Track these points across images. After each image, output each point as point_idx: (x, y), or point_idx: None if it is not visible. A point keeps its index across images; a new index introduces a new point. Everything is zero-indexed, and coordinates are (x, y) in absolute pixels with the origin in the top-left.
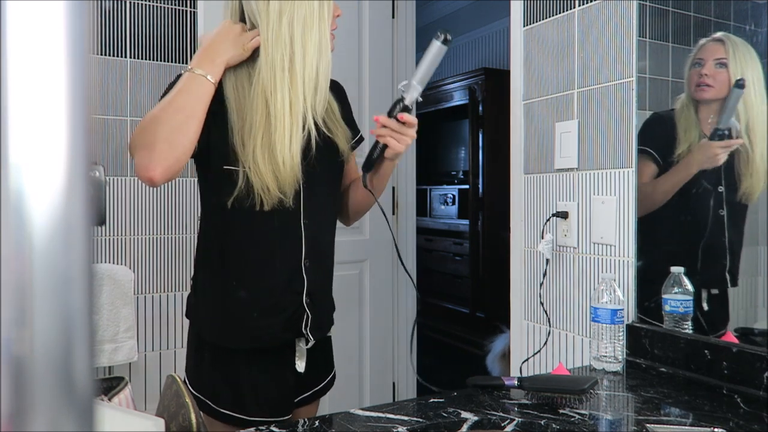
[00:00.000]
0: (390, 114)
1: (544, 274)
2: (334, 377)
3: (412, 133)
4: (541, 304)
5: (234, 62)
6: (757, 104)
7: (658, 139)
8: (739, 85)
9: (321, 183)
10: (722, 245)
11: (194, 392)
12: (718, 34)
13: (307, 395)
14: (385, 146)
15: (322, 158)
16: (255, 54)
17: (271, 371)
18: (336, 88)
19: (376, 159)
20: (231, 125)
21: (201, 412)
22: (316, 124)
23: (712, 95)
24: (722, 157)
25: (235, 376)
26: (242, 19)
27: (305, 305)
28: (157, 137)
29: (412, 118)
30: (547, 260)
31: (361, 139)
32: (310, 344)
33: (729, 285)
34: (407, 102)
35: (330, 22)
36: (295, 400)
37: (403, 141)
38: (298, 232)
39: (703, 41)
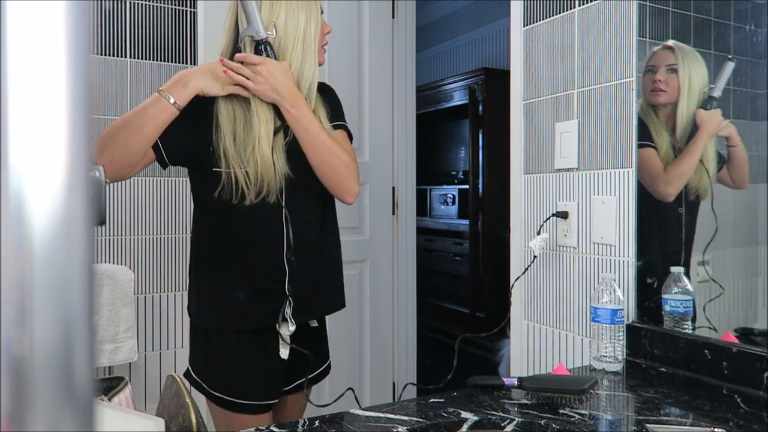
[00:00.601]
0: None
1: (525, 270)
2: (329, 367)
3: (256, 70)
4: (510, 296)
5: (208, 93)
6: (694, 106)
7: (643, 134)
8: (731, 59)
9: (302, 180)
10: (680, 241)
11: (193, 375)
12: (669, 42)
13: (300, 382)
14: None
15: (301, 158)
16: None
17: (259, 355)
18: (324, 91)
19: None
20: (222, 132)
21: (199, 393)
22: None
23: (666, 99)
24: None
25: (226, 360)
26: (237, 33)
27: (287, 292)
28: (105, 146)
29: (243, 55)
30: (534, 257)
31: (338, 126)
32: (292, 330)
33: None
34: (239, 44)
35: (318, 38)
36: (288, 387)
37: (254, 81)
38: (281, 225)
39: (655, 49)
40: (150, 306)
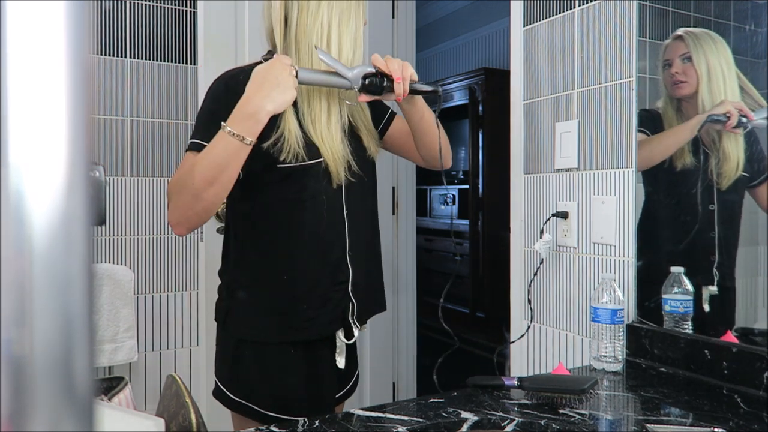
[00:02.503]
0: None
1: (536, 273)
2: (356, 382)
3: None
4: (529, 301)
5: (287, 106)
6: (721, 88)
7: (648, 124)
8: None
9: (359, 172)
10: (711, 241)
11: (233, 397)
12: (678, 31)
13: (344, 391)
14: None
15: (355, 152)
16: None
17: (317, 367)
18: None
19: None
20: (288, 122)
21: (243, 416)
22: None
23: (689, 90)
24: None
25: (281, 376)
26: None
27: (350, 294)
28: (181, 200)
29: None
30: (542, 260)
31: (393, 115)
32: (354, 339)
33: (715, 282)
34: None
35: (363, 23)
36: (336, 396)
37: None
38: (342, 223)
39: (666, 42)
40: (150, 306)
